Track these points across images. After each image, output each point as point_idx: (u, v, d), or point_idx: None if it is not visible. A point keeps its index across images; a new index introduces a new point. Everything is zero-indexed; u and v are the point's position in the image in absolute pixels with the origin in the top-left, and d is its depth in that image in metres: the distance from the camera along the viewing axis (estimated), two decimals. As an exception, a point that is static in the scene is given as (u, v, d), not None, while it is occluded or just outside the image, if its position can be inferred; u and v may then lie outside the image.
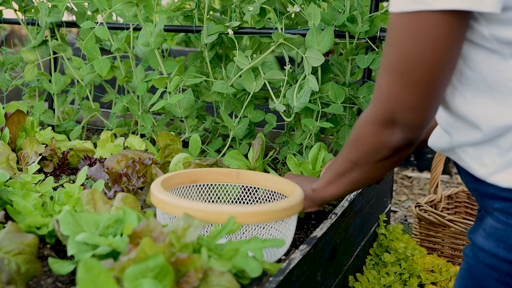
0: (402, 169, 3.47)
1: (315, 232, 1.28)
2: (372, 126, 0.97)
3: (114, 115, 2.25)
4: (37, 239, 1.08)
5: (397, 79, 0.88)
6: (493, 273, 0.92)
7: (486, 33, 0.84)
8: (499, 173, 0.89)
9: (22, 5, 2.24)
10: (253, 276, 1.01)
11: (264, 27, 1.87)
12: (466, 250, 0.99)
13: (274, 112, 1.92)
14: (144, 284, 0.85)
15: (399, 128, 0.93)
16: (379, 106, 0.94)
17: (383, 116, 0.94)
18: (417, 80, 0.86)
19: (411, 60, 0.85)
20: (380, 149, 0.99)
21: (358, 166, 1.08)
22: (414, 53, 0.84)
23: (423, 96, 0.88)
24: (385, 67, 0.90)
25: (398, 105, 0.90)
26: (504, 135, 0.88)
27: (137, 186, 1.55)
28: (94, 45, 1.96)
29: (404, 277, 1.66)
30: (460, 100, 0.93)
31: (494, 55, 0.86)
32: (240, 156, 1.71)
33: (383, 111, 0.93)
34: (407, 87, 0.88)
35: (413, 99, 0.88)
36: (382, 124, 0.95)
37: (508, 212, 0.89)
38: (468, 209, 2.18)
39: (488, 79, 0.88)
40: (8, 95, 2.61)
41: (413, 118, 0.91)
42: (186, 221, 1.03)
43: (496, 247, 0.90)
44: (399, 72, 0.88)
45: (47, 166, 1.89)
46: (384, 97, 0.92)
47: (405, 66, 0.86)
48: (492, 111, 0.88)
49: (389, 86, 0.90)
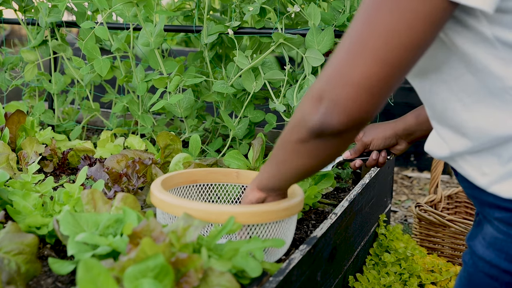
0: (402, 169, 3.47)
1: (315, 232, 1.28)
2: (305, 97, 0.85)
3: (114, 115, 2.25)
4: (37, 239, 1.08)
5: (354, 48, 0.77)
6: (494, 283, 0.90)
7: (489, 34, 0.79)
8: (500, 183, 0.86)
9: (22, 5, 2.24)
10: (253, 276, 1.01)
11: (264, 27, 1.87)
12: (465, 258, 0.97)
13: (274, 112, 1.92)
14: (144, 284, 0.85)
15: (324, 106, 0.81)
16: (321, 75, 0.82)
17: (317, 86, 0.82)
18: (375, 55, 0.75)
19: (379, 31, 0.75)
20: (299, 125, 0.87)
21: (282, 143, 0.97)
22: (387, 25, 0.75)
23: (375, 75, 0.76)
24: (347, 34, 0.79)
25: (338, 76, 0.78)
26: (505, 144, 0.85)
27: (137, 186, 1.55)
28: (94, 45, 1.96)
29: (404, 277, 1.66)
30: (459, 106, 0.88)
31: (497, 61, 0.81)
32: (240, 156, 1.71)
33: (320, 80, 0.82)
34: (360, 58, 0.76)
35: (359, 74, 0.76)
36: (312, 97, 0.83)
37: (509, 222, 0.86)
38: (468, 209, 2.18)
39: (490, 86, 0.83)
40: (8, 95, 2.61)
41: (346, 96, 0.78)
42: (186, 221, 1.03)
43: (497, 257, 0.88)
44: (359, 41, 0.76)
45: (47, 166, 1.89)
46: (329, 67, 0.81)
47: (369, 36, 0.76)
48: (493, 119, 0.85)
49: (339, 54, 0.79)
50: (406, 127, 1.41)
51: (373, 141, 1.47)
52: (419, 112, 1.40)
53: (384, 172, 1.87)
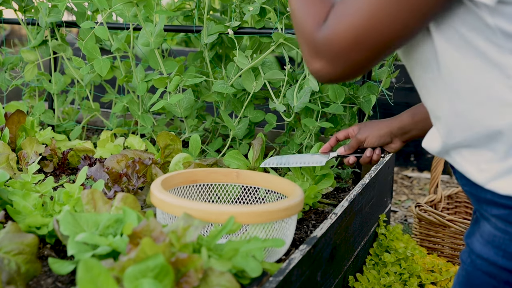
0: (402, 169, 3.47)
1: (315, 232, 1.28)
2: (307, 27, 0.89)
3: (114, 115, 2.25)
4: (37, 239, 1.08)
5: (358, 17, 0.83)
6: (492, 281, 0.90)
7: (491, 22, 0.80)
8: (498, 179, 0.86)
9: (22, 5, 2.24)
10: (253, 276, 1.01)
11: (264, 27, 1.87)
12: (463, 256, 0.97)
13: (274, 112, 1.92)
14: (144, 284, 0.85)
15: (320, 58, 0.87)
16: (329, 21, 0.86)
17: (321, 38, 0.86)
18: (372, 29, 0.81)
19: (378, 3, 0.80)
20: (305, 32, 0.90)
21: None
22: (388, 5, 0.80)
23: (362, 45, 0.82)
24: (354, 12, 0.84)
25: (338, 46, 0.84)
26: (498, 139, 0.84)
27: (137, 186, 1.55)
28: (94, 45, 1.96)
29: (404, 277, 1.66)
30: (452, 99, 0.88)
31: (494, 48, 0.81)
32: (240, 156, 1.71)
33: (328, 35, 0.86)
34: (359, 29, 0.82)
35: (349, 40, 0.82)
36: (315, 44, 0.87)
37: (506, 219, 0.86)
38: (468, 209, 2.18)
39: (484, 75, 0.83)
40: (8, 95, 2.61)
41: (334, 63, 0.85)
42: (186, 221, 1.03)
43: (495, 255, 0.88)
44: (361, 11, 0.82)
45: (47, 166, 1.89)
46: (334, 15, 0.85)
47: (371, 7, 0.81)
48: (488, 112, 0.85)
49: (345, 10, 0.84)
50: (401, 126, 1.42)
51: (368, 139, 1.48)
52: (415, 111, 1.41)
53: (384, 172, 1.87)
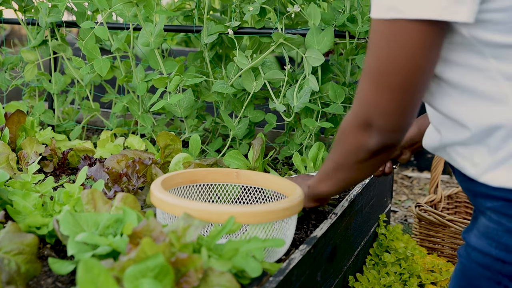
0: (402, 169, 3.47)
1: (315, 232, 1.28)
2: (351, 128, 1.00)
3: (114, 115, 2.25)
4: (37, 239, 1.08)
5: (373, 83, 0.91)
6: (486, 272, 0.92)
7: (466, 33, 0.85)
8: (490, 172, 0.90)
9: (22, 5, 2.24)
10: (253, 276, 1.01)
11: (264, 27, 1.87)
12: (460, 250, 1.00)
13: (274, 112, 1.92)
14: (144, 284, 0.85)
15: (375, 132, 0.95)
16: (358, 109, 0.96)
17: (360, 119, 0.96)
18: (390, 85, 0.88)
19: (385, 66, 0.88)
20: (359, 151, 1.01)
21: (341, 167, 1.11)
22: (389, 59, 0.87)
23: (397, 101, 0.90)
24: (364, 71, 0.93)
25: (373, 109, 0.93)
26: (492, 134, 0.89)
27: (137, 186, 1.55)
28: (94, 45, 1.96)
29: (404, 277, 1.66)
30: (447, 99, 0.93)
31: (476, 56, 0.87)
32: (240, 156, 1.71)
33: (361, 114, 0.96)
34: (382, 92, 0.90)
35: (387, 104, 0.90)
36: (359, 127, 0.97)
37: (499, 211, 0.90)
38: (468, 209, 2.18)
39: (471, 79, 0.89)
40: (8, 95, 2.61)
41: (388, 122, 0.93)
42: (186, 221, 1.03)
43: (488, 246, 0.91)
44: (375, 77, 0.90)
45: (47, 166, 1.89)
46: (361, 100, 0.95)
47: (380, 71, 0.89)
48: (478, 110, 0.89)
49: (366, 90, 0.93)
50: (409, 138, 1.43)
51: None
52: (422, 121, 1.42)
53: (384, 172, 1.87)
